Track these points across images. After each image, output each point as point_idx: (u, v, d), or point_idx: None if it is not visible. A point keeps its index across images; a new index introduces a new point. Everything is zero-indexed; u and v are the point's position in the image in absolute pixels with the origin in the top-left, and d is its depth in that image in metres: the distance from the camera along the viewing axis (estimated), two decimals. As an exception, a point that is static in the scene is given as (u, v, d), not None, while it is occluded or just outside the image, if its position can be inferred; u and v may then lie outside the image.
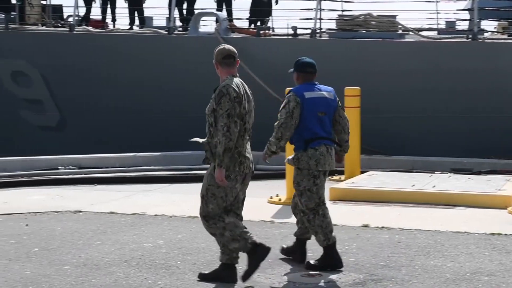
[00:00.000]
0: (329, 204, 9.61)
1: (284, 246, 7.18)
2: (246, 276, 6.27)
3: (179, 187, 11.19)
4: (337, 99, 6.95)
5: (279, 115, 6.77)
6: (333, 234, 6.80)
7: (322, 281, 6.44)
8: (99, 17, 18.38)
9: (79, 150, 14.03)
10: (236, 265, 6.38)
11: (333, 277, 6.53)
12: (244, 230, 6.25)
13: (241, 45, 15.36)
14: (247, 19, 17.07)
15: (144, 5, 18.00)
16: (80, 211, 9.25)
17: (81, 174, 12.13)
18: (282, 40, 15.62)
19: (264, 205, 9.68)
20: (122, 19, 18.02)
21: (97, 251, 7.32)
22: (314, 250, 7.00)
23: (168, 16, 16.85)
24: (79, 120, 16.50)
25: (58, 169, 12.39)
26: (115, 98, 16.09)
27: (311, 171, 6.75)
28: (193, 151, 13.59)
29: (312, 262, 6.81)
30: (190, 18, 16.39)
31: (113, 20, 17.88)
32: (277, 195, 9.94)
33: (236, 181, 6.24)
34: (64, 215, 9.05)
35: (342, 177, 11.54)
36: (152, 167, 12.68)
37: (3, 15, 17.04)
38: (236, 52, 6.38)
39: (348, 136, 6.98)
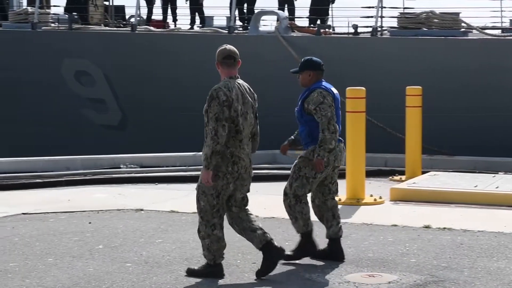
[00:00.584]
0: (389, 205, 9.66)
1: (289, 253, 6.93)
2: (190, 273, 6.46)
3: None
4: None
5: (321, 111, 6.71)
6: (312, 223, 6.88)
7: (383, 281, 6.38)
8: (161, 17, 18.53)
9: (140, 149, 14.20)
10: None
11: (394, 278, 6.47)
12: (221, 249, 6.43)
13: (302, 44, 15.39)
14: (307, 17, 17.02)
15: (205, 5, 18.09)
16: (142, 210, 9.35)
17: (143, 173, 12.26)
18: (342, 39, 15.54)
19: (324, 204, 9.65)
20: (183, 20, 18.10)
21: (158, 249, 7.38)
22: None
23: (228, 15, 16.92)
24: (140, 119, 16.68)
25: (120, 167, 12.57)
26: (176, 97, 16.23)
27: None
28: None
29: (289, 252, 6.83)
30: (250, 17, 16.43)
31: (174, 20, 18.02)
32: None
33: (227, 180, 6.33)
34: (126, 213, 9.16)
35: (403, 177, 11.44)
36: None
37: (67, 15, 17.33)
38: (237, 53, 6.46)
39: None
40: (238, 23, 17.32)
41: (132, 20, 17.45)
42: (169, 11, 18.01)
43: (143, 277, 6.48)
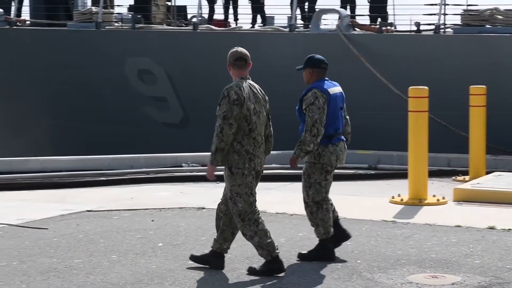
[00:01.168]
0: (453, 205, 9.53)
1: (303, 252, 7.05)
2: (252, 272, 6.52)
3: (298, 186, 11.16)
4: None
5: (309, 112, 6.79)
6: (332, 229, 6.96)
7: (446, 283, 6.31)
8: (222, 17, 18.61)
9: (202, 147, 14.30)
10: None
11: (458, 279, 6.39)
12: (271, 241, 6.47)
13: (363, 42, 15.29)
14: (368, 15, 16.90)
15: (266, 4, 18.10)
16: (204, 208, 9.41)
17: (204, 172, 12.30)
18: (404, 36, 15.39)
19: (386, 205, 9.59)
20: (244, 19, 18.16)
21: (220, 248, 7.41)
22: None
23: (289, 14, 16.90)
24: (201, 117, 16.79)
25: (182, 166, 12.67)
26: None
27: (325, 165, 6.91)
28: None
29: (303, 252, 7.00)
30: (311, 15, 16.39)
31: (236, 19, 18.08)
32: (399, 195, 9.81)
33: (252, 176, 6.46)
34: (187, 212, 9.24)
35: (467, 177, 11.29)
36: (273, 165, 12.75)
37: (130, 15, 17.55)
38: (248, 55, 6.61)
39: (350, 129, 7.24)
40: (299, 21, 17.28)
41: (194, 20, 17.56)
42: (231, 10, 18.07)
43: (205, 275, 6.53)
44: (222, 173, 6.70)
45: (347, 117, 7.22)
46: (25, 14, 18.93)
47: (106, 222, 8.64)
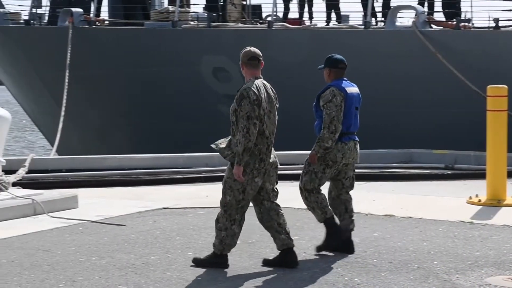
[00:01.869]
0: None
1: (319, 245, 7.21)
2: (196, 261, 6.71)
3: (374, 185, 11.14)
4: None
5: (326, 109, 6.99)
6: (330, 209, 7.13)
7: (525, 286, 6.19)
8: (297, 15, 18.60)
9: (275, 147, 14.32)
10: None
11: (538, 283, 6.25)
12: (232, 245, 6.68)
13: (440, 39, 15.08)
14: (445, 11, 16.66)
15: (341, 1, 18.01)
16: (278, 206, 9.41)
17: (278, 170, 12.31)
18: (483, 33, 15.12)
19: (463, 205, 9.44)
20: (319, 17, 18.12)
21: (295, 246, 7.41)
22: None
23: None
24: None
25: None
26: (311, 93, 16.23)
27: (327, 160, 7.06)
28: (388, 149, 13.49)
29: (320, 244, 7.14)
30: (387, 12, 16.24)
31: (310, 17, 18.05)
32: (476, 196, 9.65)
33: (253, 175, 6.55)
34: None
35: None
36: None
37: (206, 14, 17.70)
38: (261, 54, 6.69)
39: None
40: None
41: (269, 18, 17.61)
42: (306, 8, 18.05)
43: (279, 273, 6.55)
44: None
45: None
46: (104, 14, 19.31)
47: (182, 219, 8.74)
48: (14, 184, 9.48)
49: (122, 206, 9.49)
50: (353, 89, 7.20)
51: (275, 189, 6.82)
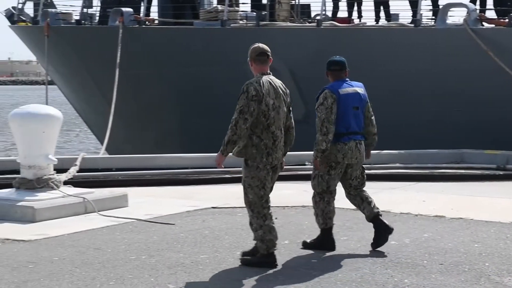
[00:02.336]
0: None
1: (307, 241, 7.39)
2: (244, 261, 6.72)
3: (424, 186, 11.05)
4: (366, 94, 7.34)
5: (317, 112, 7.11)
6: (332, 220, 7.29)
7: None
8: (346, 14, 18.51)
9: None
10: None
11: None
12: (274, 239, 6.65)
13: (492, 36, 14.88)
14: (497, 9, 16.42)
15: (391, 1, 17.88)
16: (327, 206, 9.38)
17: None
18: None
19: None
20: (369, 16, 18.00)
21: (343, 247, 7.40)
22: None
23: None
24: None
25: (305, 164, 12.68)
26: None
27: (329, 161, 7.14)
28: (439, 149, 13.35)
29: (308, 240, 7.33)
30: (437, 10, 16.08)
31: (359, 16, 17.95)
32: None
33: (267, 170, 6.59)
34: (311, 210, 9.12)
35: None
36: (397, 164, 12.60)
37: (255, 13, 17.72)
38: (269, 50, 6.72)
39: (375, 129, 7.38)
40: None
41: (318, 17, 17.56)
42: (355, 6, 17.95)
43: (328, 274, 6.52)
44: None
45: (372, 117, 7.38)
46: (154, 14, 19.45)
47: (230, 218, 8.77)
48: (66, 183, 9.60)
49: (171, 205, 9.55)
50: (350, 89, 7.23)
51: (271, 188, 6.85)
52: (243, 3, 19.74)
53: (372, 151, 7.60)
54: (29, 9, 20.91)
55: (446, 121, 15.65)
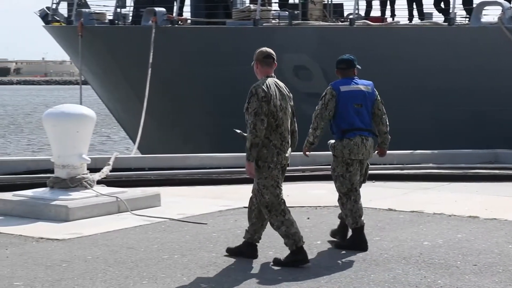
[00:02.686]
0: None
1: (340, 242, 7.48)
2: (277, 262, 6.74)
3: (458, 186, 10.96)
4: (376, 93, 7.44)
5: (317, 106, 7.30)
6: (362, 219, 7.28)
7: None
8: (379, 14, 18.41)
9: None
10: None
11: None
12: (297, 231, 6.73)
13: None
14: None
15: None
16: (360, 207, 9.35)
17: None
18: None
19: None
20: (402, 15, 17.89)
21: (376, 247, 7.37)
22: None
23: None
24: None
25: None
26: (390, 92, 16.05)
27: (344, 158, 7.27)
28: (473, 149, 13.23)
29: (339, 241, 7.41)
30: (472, 8, 15.94)
31: (392, 15, 17.85)
32: None
33: (278, 170, 6.70)
34: (343, 209, 9.20)
35: None
36: (430, 164, 12.51)
37: (287, 12, 17.70)
38: (275, 54, 6.86)
39: (387, 128, 7.43)
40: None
41: (351, 17, 17.49)
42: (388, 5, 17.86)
43: (361, 274, 6.50)
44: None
45: (384, 116, 7.44)
46: (187, 13, 19.51)
47: (264, 218, 8.75)
48: (99, 182, 9.67)
49: (203, 204, 9.57)
50: (354, 87, 7.34)
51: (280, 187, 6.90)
52: (275, 2, 19.73)
53: (404, 151, 7.63)
54: (63, 9, 21.09)
55: (480, 120, 15.52)
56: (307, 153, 7.47)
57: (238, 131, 7.04)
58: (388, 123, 7.47)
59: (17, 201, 8.99)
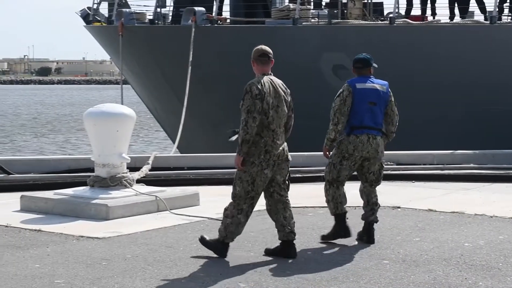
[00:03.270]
0: None
1: (324, 234, 7.65)
2: (202, 240, 7.08)
3: (500, 187, 10.82)
4: (390, 93, 7.57)
5: (333, 103, 7.45)
6: (344, 206, 7.53)
7: None
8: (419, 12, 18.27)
9: (396, 145, 14.10)
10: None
11: None
12: (236, 233, 6.97)
13: None
14: None
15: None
16: (399, 207, 9.30)
17: (399, 170, 12.17)
18: None
19: None
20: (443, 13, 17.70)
21: (416, 248, 7.31)
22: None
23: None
24: (400, 115, 16.57)
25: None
26: (433, 92, 15.93)
27: (343, 151, 7.42)
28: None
29: (324, 234, 7.60)
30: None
31: (433, 13, 17.69)
32: None
33: (262, 167, 6.82)
34: (382, 210, 9.11)
35: None
36: (471, 165, 12.37)
37: (327, 11, 17.65)
38: (271, 52, 7.00)
39: (395, 128, 7.60)
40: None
41: (391, 16, 17.37)
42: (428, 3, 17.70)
43: (400, 275, 6.44)
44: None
45: (396, 117, 7.60)
46: (226, 13, 19.54)
47: (301, 218, 8.73)
48: (138, 181, 9.72)
49: (242, 204, 9.54)
50: (369, 85, 7.47)
51: (286, 182, 7.04)
52: (315, 1, 19.67)
53: (444, 151, 7.61)
54: (103, 9, 21.28)
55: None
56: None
57: (232, 130, 7.16)
58: (397, 124, 7.63)
59: (58, 200, 9.08)
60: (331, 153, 7.59)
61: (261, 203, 9.59)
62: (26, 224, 8.35)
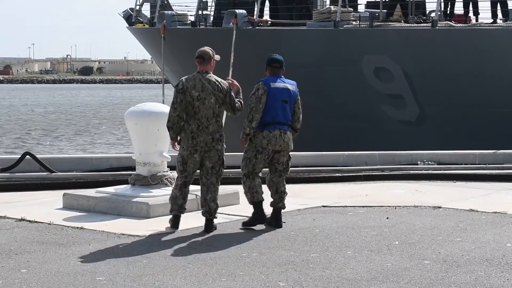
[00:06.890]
0: None
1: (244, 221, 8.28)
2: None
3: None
4: (297, 92, 8.22)
5: (249, 101, 8.04)
6: (260, 195, 8.13)
7: None
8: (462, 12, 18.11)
9: (437, 145, 14.00)
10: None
11: None
12: (174, 205, 8.10)
13: None
14: None
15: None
16: (440, 207, 9.23)
17: (440, 170, 12.09)
18: None
19: None
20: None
21: (457, 248, 7.25)
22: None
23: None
24: (439, 114, 16.47)
25: (417, 164, 12.50)
26: (477, 93, 15.80)
27: (257, 146, 8.07)
28: None
29: (244, 221, 8.21)
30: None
31: (475, 14, 17.52)
32: None
33: (190, 151, 7.92)
34: (423, 210, 9.10)
35: None
36: (513, 164, 12.24)
37: (368, 13, 17.59)
38: (209, 52, 8.07)
39: (299, 125, 8.26)
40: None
41: (433, 15, 17.25)
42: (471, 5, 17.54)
43: (441, 275, 6.40)
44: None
45: (300, 115, 8.24)
46: (267, 15, 19.57)
47: (341, 218, 8.73)
48: (179, 180, 9.75)
49: (282, 203, 9.55)
50: (281, 84, 8.14)
51: (215, 167, 7.99)
52: (357, 4, 19.61)
53: (486, 151, 7.54)
54: (146, 10, 21.45)
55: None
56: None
57: None
58: (301, 121, 8.26)
59: (100, 198, 9.17)
60: (246, 147, 8.17)
61: (301, 201, 9.63)
62: (69, 222, 8.46)
